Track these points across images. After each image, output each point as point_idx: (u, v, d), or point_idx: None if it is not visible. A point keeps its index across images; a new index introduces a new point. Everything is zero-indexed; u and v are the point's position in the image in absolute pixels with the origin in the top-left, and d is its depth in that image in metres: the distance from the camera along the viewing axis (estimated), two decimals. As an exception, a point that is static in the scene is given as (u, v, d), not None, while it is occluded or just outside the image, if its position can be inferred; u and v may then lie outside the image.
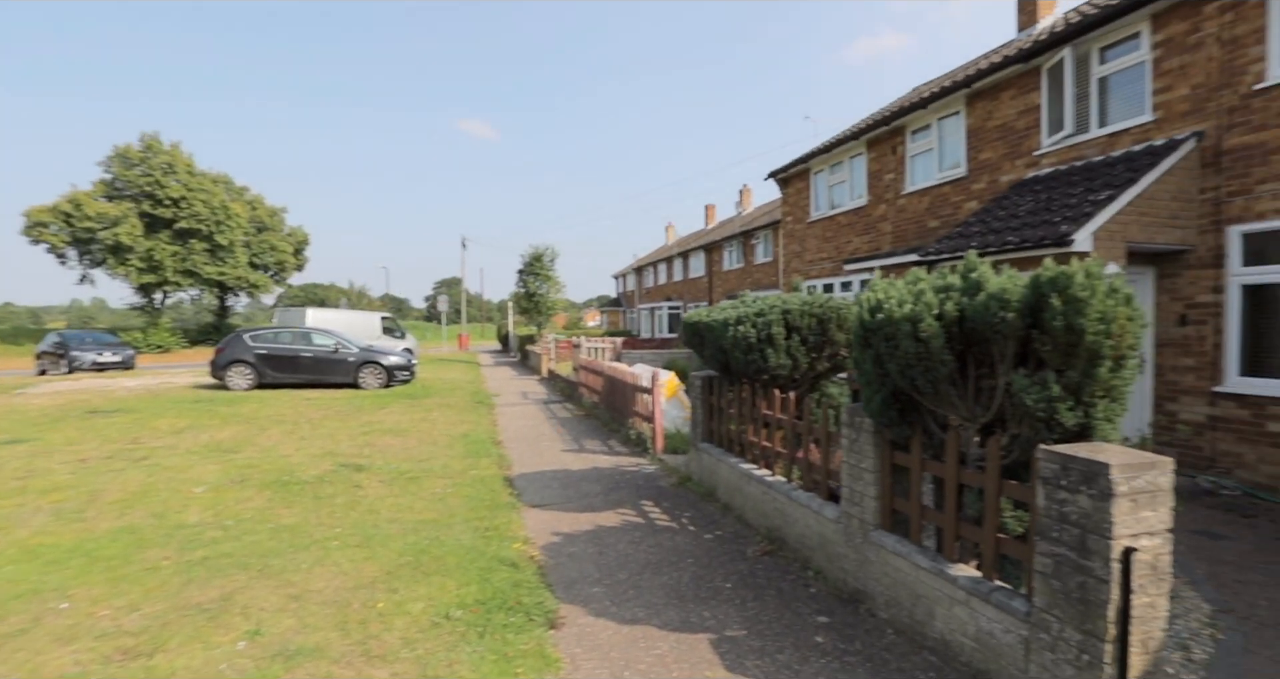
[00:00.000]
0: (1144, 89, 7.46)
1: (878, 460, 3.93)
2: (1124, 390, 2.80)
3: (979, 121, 9.84)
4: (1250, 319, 6.58)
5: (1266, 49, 6.31)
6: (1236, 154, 6.54)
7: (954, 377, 3.18)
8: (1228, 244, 6.62)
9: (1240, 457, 6.58)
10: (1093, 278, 2.69)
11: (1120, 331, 2.69)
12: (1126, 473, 2.48)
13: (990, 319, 2.92)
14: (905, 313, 3.15)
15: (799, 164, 14.60)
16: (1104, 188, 6.79)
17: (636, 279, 48.14)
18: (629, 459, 8.63)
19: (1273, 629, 3.81)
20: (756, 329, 5.21)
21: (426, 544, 5.10)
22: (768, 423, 5.48)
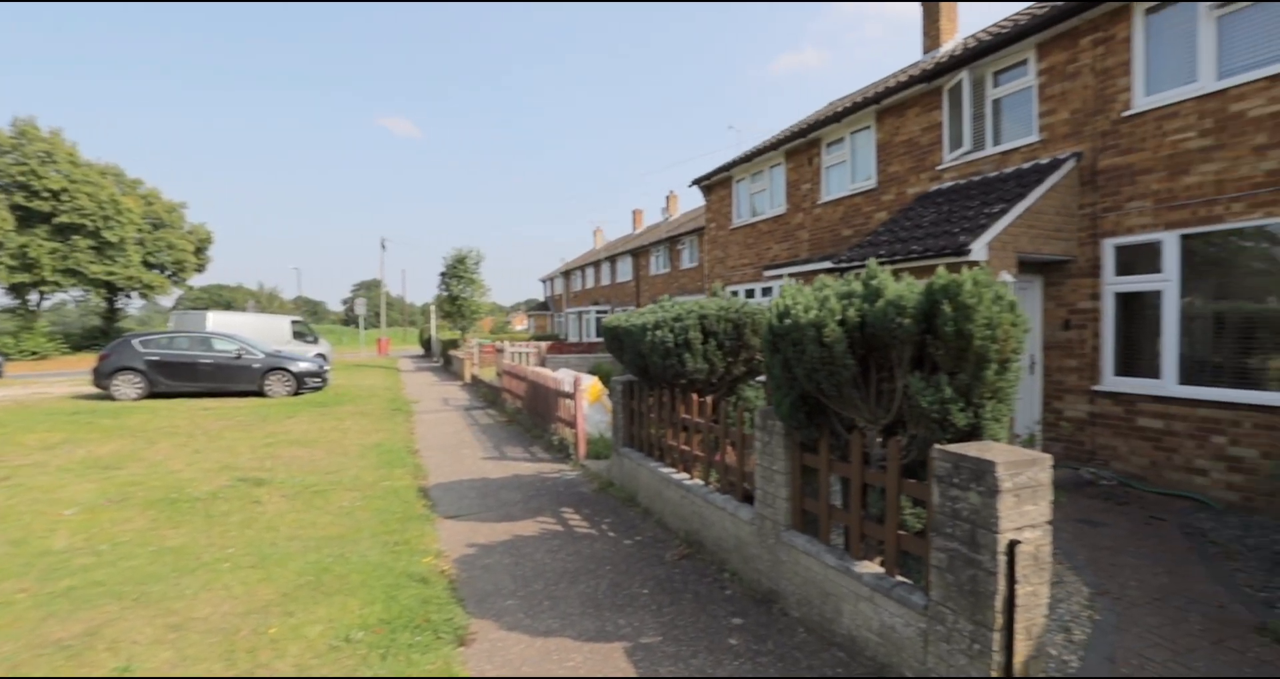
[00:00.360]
0: (1031, 111, 8.05)
1: (788, 462, 4.01)
2: (1009, 392, 2.97)
3: (888, 136, 10.35)
4: (1123, 324, 7.20)
5: (1131, 80, 6.94)
6: (1109, 174, 7.16)
7: (857, 380, 3.29)
8: (1103, 255, 7.22)
9: (1115, 449, 7.17)
10: (980, 286, 2.84)
11: (1005, 336, 2.85)
12: (1010, 470, 2.62)
13: (889, 325, 3.03)
14: (811, 319, 3.23)
15: (721, 172, 14.91)
16: (997, 201, 7.27)
17: (564, 283, 47.83)
18: (551, 465, 8.50)
19: (1141, 608, 4.15)
20: (674, 334, 5.24)
21: (329, 562, 4.81)
22: (686, 427, 5.52)
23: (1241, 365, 6.27)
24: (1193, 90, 6.40)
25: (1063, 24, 7.43)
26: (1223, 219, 6.20)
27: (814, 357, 3.24)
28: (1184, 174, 6.48)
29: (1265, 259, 6.09)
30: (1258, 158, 5.95)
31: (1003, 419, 3.02)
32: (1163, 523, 5.87)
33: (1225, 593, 4.38)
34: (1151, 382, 6.84)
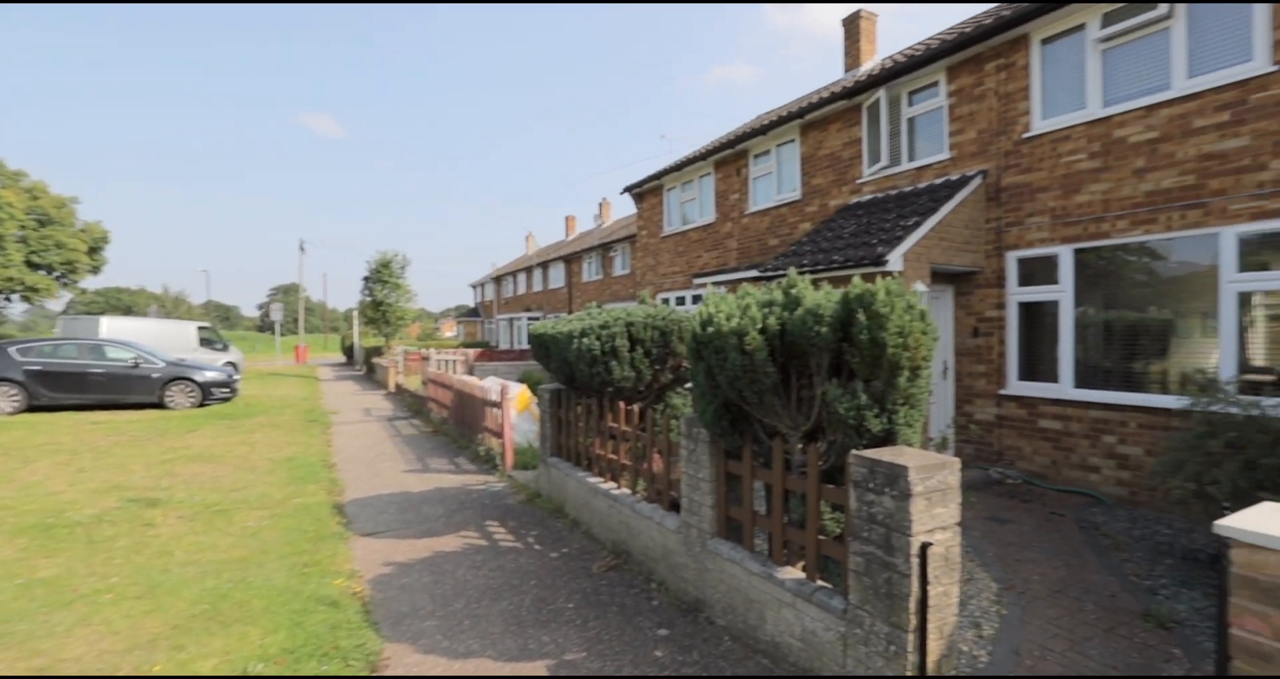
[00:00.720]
0: (943, 130, 8.49)
1: (713, 470, 4.01)
2: (921, 398, 3.07)
3: (811, 150, 10.69)
4: (1025, 332, 7.66)
5: (1031, 105, 7.44)
6: (1011, 191, 7.63)
7: (778, 387, 3.32)
8: (1007, 267, 7.68)
9: (1020, 450, 7.61)
10: (892, 296, 2.92)
11: (916, 345, 2.94)
12: (922, 474, 2.70)
13: (807, 333, 3.08)
14: (733, 327, 3.25)
15: (653, 180, 15.02)
16: (912, 215, 7.61)
17: (495, 289, 46.98)
18: (477, 477, 8.25)
19: (1043, 601, 4.39)
20: (601, 342, 5.18)
21: (229, 588, 4.46)
22: (613, 435, 5.46)
23: (1127, 370, 6.78)
24: (1083, 116, 6.91)
25: (969, 49, 7.89)
26: (1109, 235, 6.71)
27: (736, 364, 3.25)
28: (1076, 193, 6.98)
29: (1145, 272, 6.63)
30: (1138, 179, 6.47)
31: (915, 424, 3.12)
32: (1062, 518, 6.25)
33: (1116, 583, 4.69)
34: (1051, 386, 7.31)
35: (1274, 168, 5.59)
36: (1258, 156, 5.68)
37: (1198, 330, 6.29)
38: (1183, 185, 6.15)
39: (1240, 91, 5.76)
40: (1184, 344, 6.41)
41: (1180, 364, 6.43)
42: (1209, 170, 5.96)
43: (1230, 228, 5.84)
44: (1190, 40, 6.11)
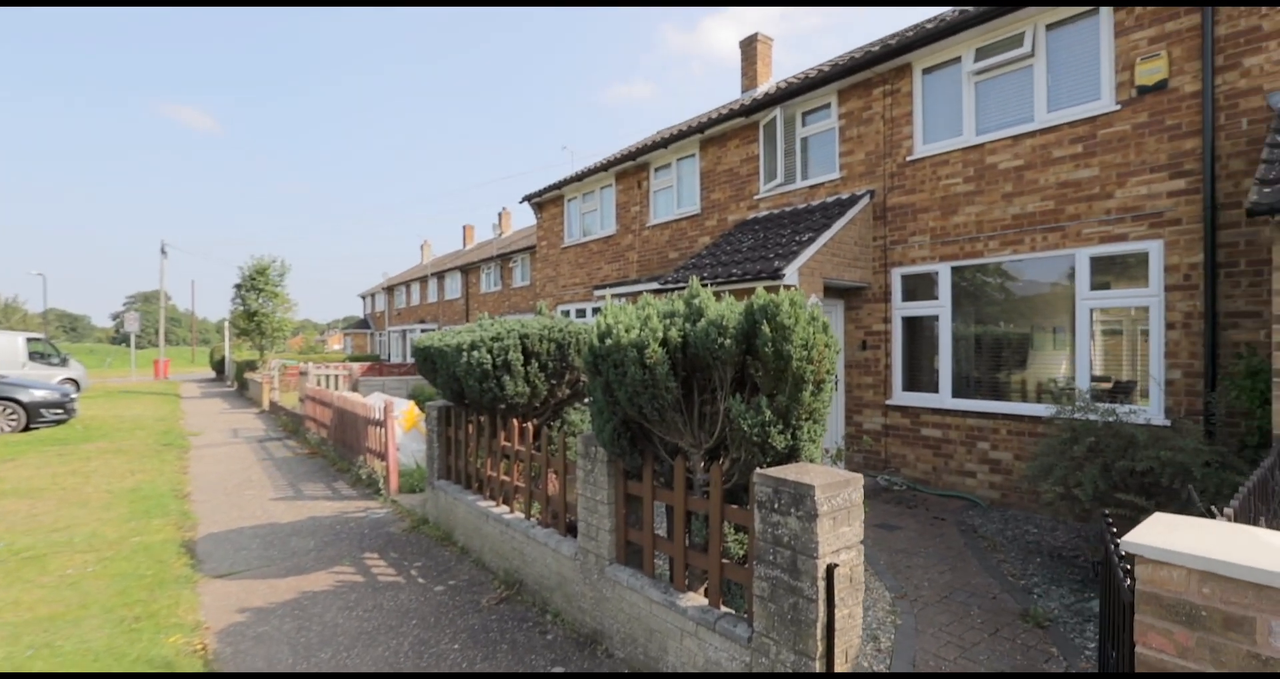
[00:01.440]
0: (834, 151, 8.83)
1: (612, 491, 3.78)
2: (824, 412, 2.99)
3: (711, 165, 10.83)
4: (909, 345, 8.05)
5: (914, 130, 7.87)
6: (896, 211, 8.02)
7: (679, 403, 3.14)
8: (892, 283, 8.05)
9: (905, 457, 7.94)
10: (796, 307, 2.83)
11: (820, 358, 2.85)
12: (828, 493, 2.59)
13: (710, 345, 2.93)
14: (632, 339, 3.04)
15: (553, 190, 14.73)
16: (806, 230, 7.82)
17: (387, 299, 44.61)
18: (357, 503, 7.54)
19: (934, 607, 4.48)
20: (493, 355, 4.83)
21: (27, 658, 3.68)
22: (507, 455, 5.10)
23: (998, 380, 7.25)
24: (960, 142, 7.38)
25: (859, 74, 8.26)
26: (983, 254, 7.17)
27: (636, 379, 3.04)
28: (954, 214, 7.42)
29: (1014, 290, 7.13)
30: (1007, 203, 6.97)
31: (818, 439, 3.04)
32: (944, 522, 6.53)
33: (996, 584, 4.89)
34: (932, 396, 7.69)
35: (1119, 196, 6.17)
36: (1105, 186, 6.25)
37: (1058, 344, 6.82)
38: (1044, 210, 6.67)
39: (1091, 126, 6.33)
40: (1047, 356, 6.94)
41: (1043, 374, 6.94)
42: (1066, 197, 6.51)
43: (1084, 250, 6.38)
44: (1049, 78, 6.68)
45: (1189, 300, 5.77)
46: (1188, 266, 5.78)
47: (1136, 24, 6.06)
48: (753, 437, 2.86)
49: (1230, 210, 5.56)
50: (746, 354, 2.97)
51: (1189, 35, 5.77)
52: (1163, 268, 5.91)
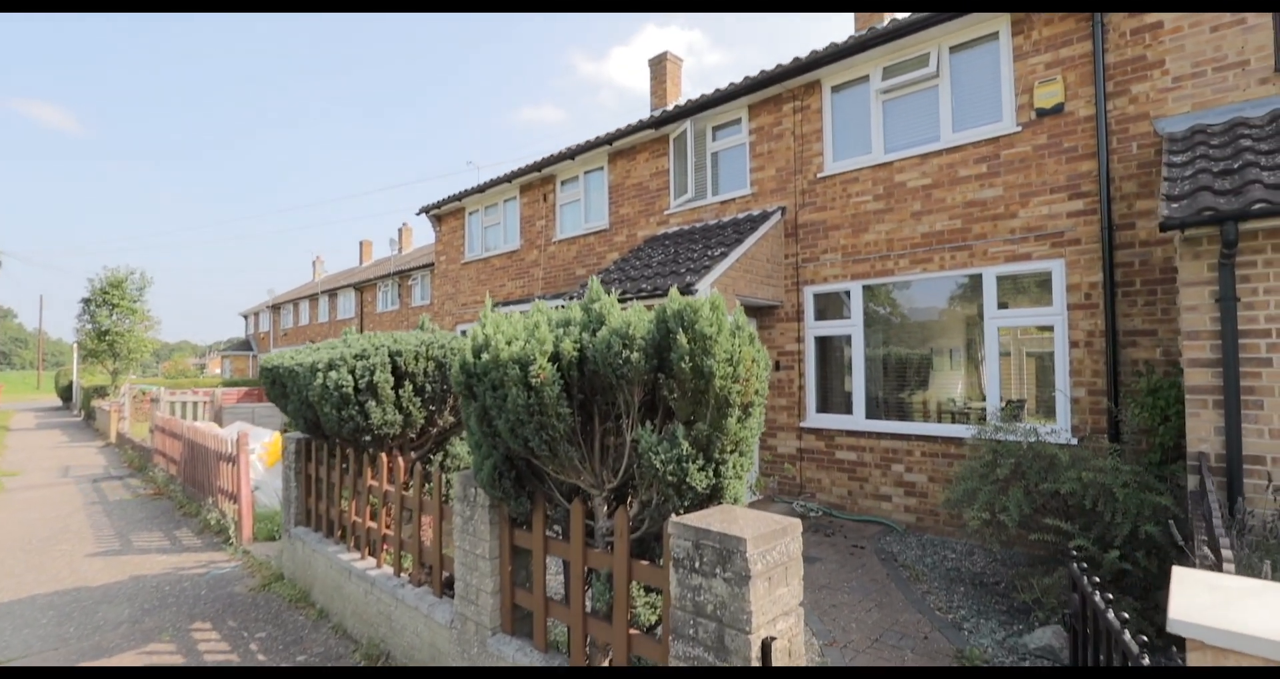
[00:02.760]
0: (745, 166, 8.61)
1: (495, 543, 3.07)
2: (752, 442, 2.46)
3: (619, 178, 10.40)
4: (822, 365, 7.82)
5: (824, 146, 7.76)
6: (808, 228, 7.84)
7: (575, 433, 2.51)
8: (804, 302, 7.83)
9: (820, 482, 7.65)
10: (719, 312, 2.29)
11: (747, 375, 2.32)
12: (762, 546, 2.04)
13: (613, 360, 2.33)
14: (514, 353, 2.39)
15: (454, 202, 13.82)
16: (719, 245, 7.46)
17: (272, 319, 41.12)
18: (199, 556, 6.31)
19: (866, 654, 4.03)
20: (355, 376, 3.99)
21: None
22: (375, 497, 4.24)
23: (911, 401, 7.12)
24: (869, 160, 7.30)
25: (769, 89, 8.10)
26: (894, 272, 7.07)
27: (519, 404, 2.39)
28: (865, 231, 7.30)
29: (925, 308, 7.05)
30: (916, 221, 6.91)
31: (744, 475, 2.49)
32: (863, 551, 6.21)
33: (925, 621, 4.53)
34: (846, 417, 7.46)
35: (1022, 216, 6.20)
36: (1009, 206, 6.28)
37: (968, 363, 6.76)
38: (952, 228, 6.64)
39: (994, 147, 6.37)
40: (957, 375, 6.87)
41: (954, 394, 6.86)
42: (973, 216, 6.50)
43: (990, 268, 6.37)
44: (954, 98, 6.71)
45: (1091, 319, 5.81)
46: (1088, 285, 5.83)
47: (1034, 49, 6.17)
48: (666, 475, 2.28)
49: (1124, 231, 5.66)
50: (659, 372, 2.39)
51: (1081, 61, 5.91)
52: (1065, 287, 5.95)
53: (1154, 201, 5.51)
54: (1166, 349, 5.42)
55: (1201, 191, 4.04)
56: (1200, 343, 4.10)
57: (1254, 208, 3.68)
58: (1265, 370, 3.92)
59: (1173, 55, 5.45)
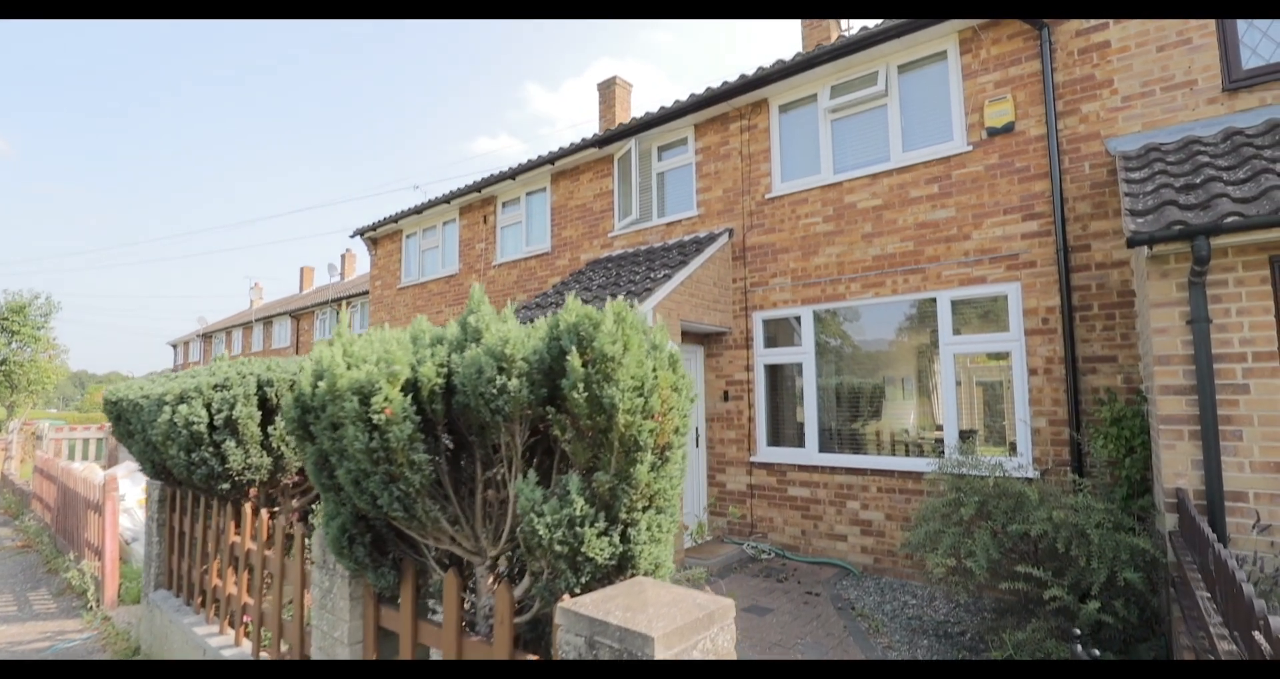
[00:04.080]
0: (691, 187, 8.24)
1: (358, 624, 2.40)
2: (673, 494, 1.90)
3: (562, 199, 9.93)
4: (772, 395, 7.37)
5: (772, 166, 7.45)
6: (756, 251, 7.47)
7: (440, 486, 1.91)
8: (753, 328, 7.40)
9: (772, 521, 7.11)
10: (626, 325, 1.76)
11: (664, 408, 1.78)
12: (678, 646, 1.47)
13: (485, 389, 1.75)
14: (353, 380, 1.80)
15: (390, 223, 13.09)
16: (663, 267, 7.01)
17: (202, 348, 38.90)
18: (49, 625, 5.32)
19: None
20: (211, 411, 3.29)
21: None
22: (235, 557, 3.50)
23: (865, 432, 6.70)
24: (818, 180, 7.01)
25: (715, 107, 7.79)
26: (845, 297, 6.71)
27: (359, 448, 1.78)
28: (815, 254, 6.96)
29: (878, 335, 6.70)
30: (867, 244, 6.59)
31: (665, 537, 1.92)
32: (818, 599, 5.68)
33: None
34: (799, 451, 6.99)
35: (976, 238, 5.94)
36: (962, 227, 6.02)
37: (923, 392, 6.41)
38: (904, 251, 6.34)
39: (945, 166, 6.14)
40: (913, 405, 6.50)
41: (911, 425, 6.48)
42: (925, 237, 6.21)
43: (945, 292, 6.06)
44: (903, 117, 6.49)
45: (1049, 344, 5.52)
46: (1045, 310, 5.55)
47: (983, 68, 6.01)
48: (554, 543, 1.69)
49: (1080, 253, 5.43)
50: (549, 403, 1.82)
51: (1030, 80, 5.75)
52: (1022, 311, 5.67)
53: (1109, 222, 5.31)
54: (1128, 376, 5.14)
55: (1167, 206, 3.76)
56: (1172, 368, 3.77)
57: (1226, 222, 3.40)
58: (1242, 397, 3.60)
59: (1121, 75, 5.32)
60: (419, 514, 1.89)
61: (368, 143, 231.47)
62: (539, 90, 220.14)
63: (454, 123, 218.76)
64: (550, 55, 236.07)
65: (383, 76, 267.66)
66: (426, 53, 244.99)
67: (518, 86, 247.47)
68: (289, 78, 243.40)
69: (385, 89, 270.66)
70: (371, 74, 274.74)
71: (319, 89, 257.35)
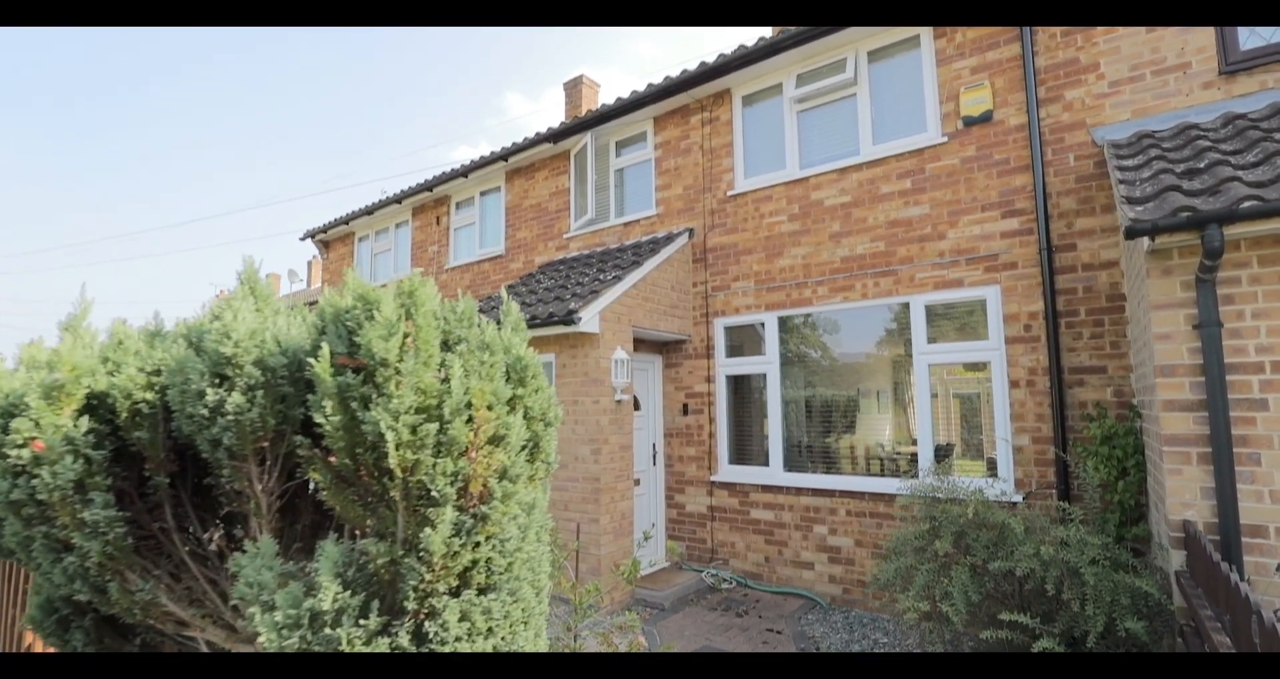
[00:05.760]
0: (650, 184, 7.68)
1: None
2: (515, 566, 1.26)
3: (517, 199, 9.32)
4: (735, 409, 6.78)
5: (734, 161, 6.91)
6: (717, 252, 6.91)
7: (161, 554, 1.26)
8: (714, 335, 6.82)
9: (734, 546, 6.50)
10: (418, 309, 1.13)
11: (482, 439, 1.15)
12: None
13: (194, 410, 1.12)
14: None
15: (341, 225, 12.36)
16: (614, 269, 6.41)
17: (163, 358, 37.39)
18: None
19: None
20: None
21: None
22: None
23: (832, 450, 6.13)
24: (783, 176, 6.47)
25: (675, 98, 7.24)
26: (811, 302, 6.16)
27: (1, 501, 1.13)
28: (780, 256, 6.41)
29: (847, 343, 6.16)
30: (835, 244, 6.06)
31: (505, 625, 1.28)
32: (780, 637, 5.07)
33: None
34: (762, 470, 6.40)
35: (951, 237, 5.43)
36: (937, 225, 5.51)
37: (896, 406, 5.86)
38: (875, 251, 5.81)
39: (918, 159, 5.63)
40: (885, 421, 5.95)
41: (883, 441, 5.93)
42: (897, 236, 5.69)
43: (919, 296, 5.54)
44: (874, 107, 5.99)
45: (1032, 354, 5.00)
46: (1027, 315, 5.04)
47: (958, 53, 5.53)
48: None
49: (1065, 253, 4.93)
50: (307, 431, 1.19)
51: (1010, 65, 5.28)
52: (1002, 317, 5.15)
53: (1096, 219, 4.82)
54: (1119, 388, 4.63)
55: (1170, 192, 3.25)
56: (1178, 380, 3.24)
57: (1244, 207, 2.88)
58: (1260, 415, 3.07)
59: (1108, 58, 4.86)
60: (115, 596, 1.24)
61: (339, 146, 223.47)
62: (519, 99, 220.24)
63: (433, 131, 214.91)
64: (530, 64, 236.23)
65: (362, 81, 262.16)
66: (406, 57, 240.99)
67: (498, 95, 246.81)
68: (268, 84, 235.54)
69: (365, 94, 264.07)
70: (354, 82, 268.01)
71: (295, 95, 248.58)
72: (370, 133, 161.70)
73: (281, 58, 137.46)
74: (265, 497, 1.23)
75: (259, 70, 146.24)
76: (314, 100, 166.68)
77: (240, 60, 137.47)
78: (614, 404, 5.84)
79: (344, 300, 1.21)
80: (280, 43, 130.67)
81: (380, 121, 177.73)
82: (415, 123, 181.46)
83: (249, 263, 1.50)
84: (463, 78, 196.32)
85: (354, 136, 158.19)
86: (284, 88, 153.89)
